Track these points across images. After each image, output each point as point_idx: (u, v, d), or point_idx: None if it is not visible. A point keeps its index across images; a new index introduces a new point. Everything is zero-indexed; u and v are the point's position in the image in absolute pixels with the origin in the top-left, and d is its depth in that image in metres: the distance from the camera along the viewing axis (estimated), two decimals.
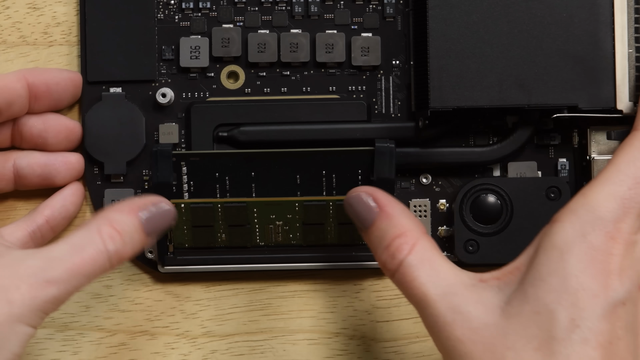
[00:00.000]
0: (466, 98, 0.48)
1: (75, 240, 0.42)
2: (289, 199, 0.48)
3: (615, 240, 0.40)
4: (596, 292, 0.39)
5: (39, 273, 0.40)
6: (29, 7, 0.51)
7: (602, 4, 0.48)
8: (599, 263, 0.39)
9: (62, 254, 0.41)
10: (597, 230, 0.40)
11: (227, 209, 0.48)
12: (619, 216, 0.40)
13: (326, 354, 0.51)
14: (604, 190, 0.41)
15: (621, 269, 0.40)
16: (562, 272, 0.39)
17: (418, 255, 0.42)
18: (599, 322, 0.39)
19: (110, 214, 0.43)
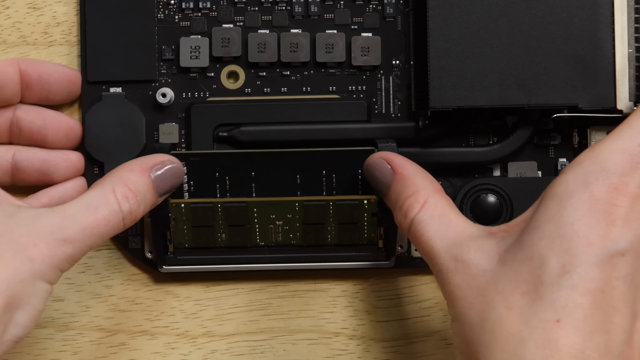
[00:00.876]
0: (466, 98, 0.48)
1: (90, 199, 0.42)
2: (289, 199, 0.48)
3: (619, 191, 0.39)
4: (591, 240, 0.38)
5: (56, 231, 0.40)
6: (29, 7, 0.51)
7: (602, 4, 0.48)
8: (598, 212, 0.39)
9: (77, 213, 0.41)
10: (600, 180, 0.39)
11: (227, 209, 0.48)
12: (625, 170, 0.39)
13: (326, 354, 0.51)
14: (612, 145, 0.40)
15: (625, 220, 0.39)
16: (558, 219, 0.39)
17: (429, 211, 0.43)
18: (591, 270, 0.38)
19: (123, 173, 0.43)
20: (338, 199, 0.48)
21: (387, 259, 0.50)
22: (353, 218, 0.48)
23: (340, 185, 0.48)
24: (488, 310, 0.39)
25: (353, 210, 0.48)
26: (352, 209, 0.48)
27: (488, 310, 0.39)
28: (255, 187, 0.48)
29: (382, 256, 0.50)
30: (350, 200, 0.48)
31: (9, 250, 0.40)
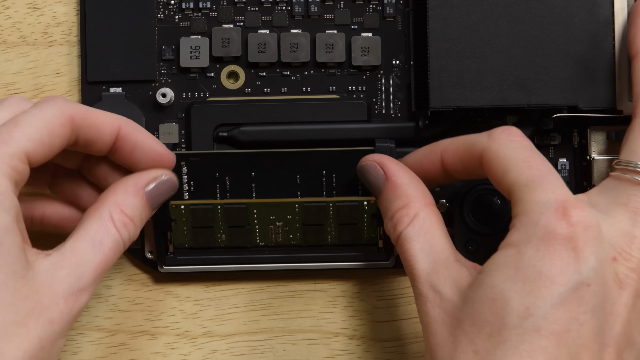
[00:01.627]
0: (466, 98, 0.48)
1: (94, 233, 0.42)
2: (289, 200, 0.48)
3: (571, 222, 0.39)
4: (554, 278, 0.38)
5: (74, 284, 0.41)
6: (29, 7, 0.51)
7: (602, 4, 0.48)
8: (557, 246, 0.39)
9: (87, 254, 0.42)
10: (548, 215, 0.39)
11: (227, 210, 0.48)
12: (569, 200, 0.40)
13: (326, 354, 0.51)
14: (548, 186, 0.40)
15: (582, 249, 0.39)
16: (519, 262, 0.39)
17: (416, 227, 0.43)
18: (555, 311, 0.38)
19: (118, 198, 0.44)
20: (338, 201, 0.48)
21: (387, 259, 0.50)
22: (353, 219, 0.48)
23: (340, 186, 0.48)
24: (457, 353, 0.39)
25: (353, 211, 0.48)
26: (352, 210, 0.48)
27: (457, 353, 0.39)
28: (255, 188, 0.48)
29: (382, 256, 0.50)
30: (350, 201, 0.48)
31: (33, 315, 0.39)
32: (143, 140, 0.45)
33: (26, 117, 0.41)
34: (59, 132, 0.42)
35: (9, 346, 0.39)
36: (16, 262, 0.39)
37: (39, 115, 0.41)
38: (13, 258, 0.39)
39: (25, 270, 0.40)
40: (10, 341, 0.39)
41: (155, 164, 0.45)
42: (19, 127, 0.41)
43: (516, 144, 0.42)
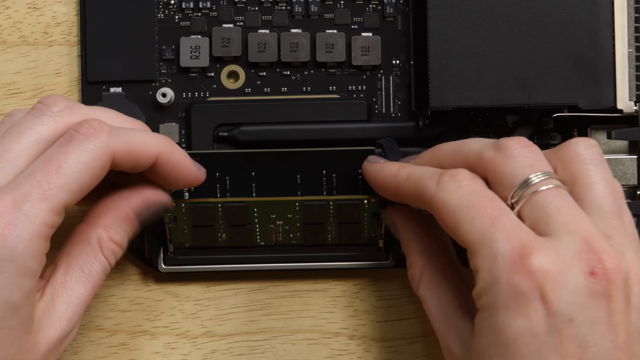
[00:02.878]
0: (466, 98, 0.48)
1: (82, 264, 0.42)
2: (289, 199, 0.48)
3: (529, 272, 0.37)
4: (534, 331, 0.37)
5: (66, 327, 0.41)
6: (29, 7, 0.51)
7: (602, 4, 0.48)
8: (523, 302, 0.37)
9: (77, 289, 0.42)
10: (507, 271, 0.38)
11: (227, 209, 0.48)
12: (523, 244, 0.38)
13: (326, 354, 0.51)
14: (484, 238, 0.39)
15: (550, 292, 0.37)
16: (495, 327, 0.38)
17: (425, 285, 0.44)
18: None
19: (108, 222, 0.43)
20: (338, 199, 0.48)
21: (387, 259, 0.50)
22: (353, 218, 0.48)
23: (341, 185, 0.48)
24: None
25: (353, 209, 0.48)
26: (353, 209, 0.48)
27: None
28: (256, 187, 0.48)
29: (382, 256, 0.50)
30: (350, 200, 0.48)
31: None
32: (178, 166, 0.43)
33: (68, 163, 0.39)
34: (99, 174, 0.40)
35: None
36: (27, 322, 0.40)
37: (82, 159, 0.39)
38: (25, 319, 0.39)
39: (29, 325, 0.40)
40: None
41: (184, 185, 0.45)
42: (60, 178, 0.39)
43: (465, 190, 0.40)
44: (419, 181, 0.42)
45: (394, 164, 0.45)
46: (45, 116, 0.41)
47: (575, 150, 0.41)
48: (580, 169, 0.40)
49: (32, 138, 0.40)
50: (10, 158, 0.40)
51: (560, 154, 0.41)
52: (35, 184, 0.39)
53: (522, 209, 0.39)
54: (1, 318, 0.38)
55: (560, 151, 0.41)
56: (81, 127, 0.40)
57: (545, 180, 0.40)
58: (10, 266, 0.38)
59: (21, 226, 0.38)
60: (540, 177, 0.40)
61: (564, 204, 0.39)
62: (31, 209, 0.38)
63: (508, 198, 0.40)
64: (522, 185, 0.40)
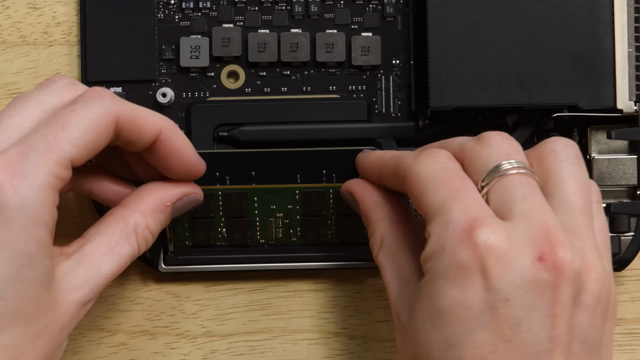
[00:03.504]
0: (466, 98, 0.48)
1: (114, 243, 0.42)
2: (289, 186, 0.48)
3: (474, 245, 0.37)
4: (469, 303, 0.37)
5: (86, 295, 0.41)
6: (29, 7, 0.51)
7: (602, 4, 0.48)
8: (463, 273, 0.37)
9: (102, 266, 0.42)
10: (454, 240, 0.37)
11: (227, 196, 0.48)
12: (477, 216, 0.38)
13: (326, 354, 0.51)
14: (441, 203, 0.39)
15: (491, 268, 0.37)
16: (433, 293, 0.38)
17: (384, 252, 0.44)
18: (474, 335, 0.37)
19: (147, 210, 0.43)
20: (338, 186, 0.48)
21: None
22: None
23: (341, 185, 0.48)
24: None
25: None
26: None
27: None
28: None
29: None
30: None
31: (49, 325, 0.40)
32: (179, 148, 0.44)
33: (74, 120, 0.39)
34: (104, 134, 0.40)
35: (24, 356, 0.39)
36: (45, 275, 0.39)
37: (86, 116, 0.40)
38: (43, 272, 0.39)
39: (50, 281, 0.40)
40: (27, 351, 0.39)
41: (185, 172, 0.44)
42: (66, 131, 0.39)
43: (438, 165, 0.40)
44: (400, 158, 0.42)
45: (383, 151, 0.46)
46: (50, 88, 0.41)
47: (551, 147, 0.41)
48: (554, 165, 0.40)
49: (36, 105, 0.41)
50: (14, 121, 0.40)
51: (537, 151, 0.41)
52: (41, 137, 0.39)
53: (490, 192, 0.39)
54: (18, 269, 0.38)
55: (537, 148, 0.41)
56: (86, 92, 0.41)
57: (516, 167, 0.39)
58: (22, 215, 0.38)
59: (30, 175, 0.38)
60: (512, 164, 0.39)
61: (530, 192, 0.39)
62: (38, 159, 0.38)
63: (479, 182, 0.39)
64: (494, 170, 0.39)
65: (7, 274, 0.38)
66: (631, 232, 0.49)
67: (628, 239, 0.49)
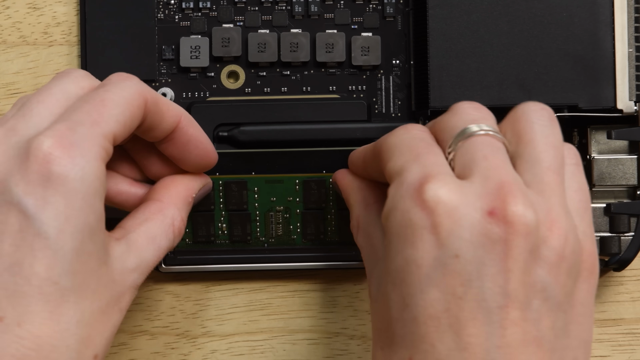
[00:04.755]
0: (466, 98, 0.48)
1: (155, 234, 0.42)
2: (289, 175, 0.48)
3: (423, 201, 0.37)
4: (419, 261, 0.36)
5: (137, 279, 0.41)
6: (29, 7, 0.51)
7: (602, 4, 0.48)
8: (413, 230, 0.37)
9: (147, 255, 0.42)
10: (405, 198, 0.37)
11: (227, 185, 0.48)
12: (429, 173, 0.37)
13: (326, 354, 0.51)
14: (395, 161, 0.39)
15: (440, 224, 0.36)
16: (389, 254, 0.38)
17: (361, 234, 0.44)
18: (425, 294, 0.36)
19: (181, 203, 0.44)
20: None
21: None
22: None
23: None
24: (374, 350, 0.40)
25: None
26: None
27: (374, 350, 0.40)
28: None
29: None
30: None
31: (111, 303, 0.40)
32: (197, 136, 0.44)
33: (111, 97, 0.40)
34: (137, 114, 0.41)
35: (97, 333, 0.39)
36: (102, 250, 0.39)
37: (122, 94, 0.40)
38: (100, 246, 0.39)
39: (105, 256, 0.39)
40: (97, 328, 0.39)
41: (202, 162, 0.45)
42: (106, 108, 0.39)
43: (409, 135, 0.40)
44: (380, 139, 0.42)
45: None
46: (68, 78, 0.42)
47: (523, 110, 0.40)
48: (524, 127, 0.39)
49: (61, 93, 0.41)
50: (44, 106, 0.40)
51: (509, 117, 0.40)
52: (84, 113, 0.39)
53: (455, 156, 0.39)
54: (82, 242, 0.38)
55: (510, 114, 0.40)
56: (113, 76, 0.42)
57: (482, 129, 0.39)
58: (82, 186, 0.37)
59: (84, 147, 0.38)
60: (479, 127, 0.39)
61: (491, 152, 0.38)
62: (87, 131, 0.38)
63: (446, 149, 0.39)
64: (460, 134, 0.39)
65: (74, 247, 0.37)
66: (631, 232, 0.49)
67: (628, 239, 0.49)
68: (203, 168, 0.45)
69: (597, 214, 0.49)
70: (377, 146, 0.41)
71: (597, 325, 0.51)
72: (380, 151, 0.41)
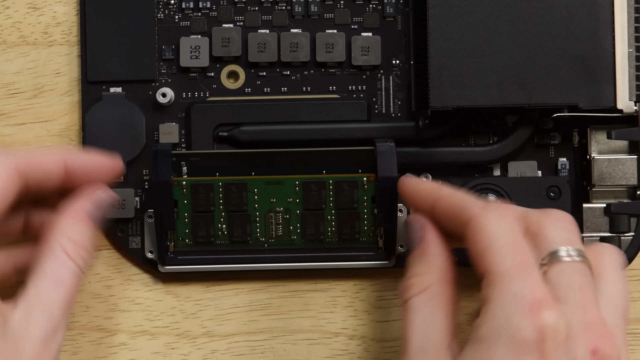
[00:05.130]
0: (466, 98, 0.48)
1: (50, 271, 0.43)
2: (288, 177, 0.48)
3: (540, 324, 0.38)
4: None
5: (47, 328, 0.42)
6: (29, 7, 0.51)
7: (602, 4, 0.48)
8: (523, 349, 0.38)
9: (51, 296, 0.42)
10: (520, 313, 0.38)
11: (227, 187, 0.48)
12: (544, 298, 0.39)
13: (326, 354, 0.51)
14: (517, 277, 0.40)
15: (549, 352, 0.38)
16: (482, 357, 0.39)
17: (424, 300, 0.43)
18: None
19: (65, 228, 0.44)
20: (337, 177, 0.48)
21: (387, 259, 0.50)
22: (352, 200, 0.48)
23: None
24: None
25: (352, 189, 0.48)
26: (352, 188, 0.48)
27: None
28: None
29: (382, 256, 0.50)
30: (349, 177, 0.48)
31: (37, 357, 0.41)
32: (89, 160, 0.46)
33: None
34: (7, 183, 0.42)
35: None
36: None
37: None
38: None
39: (3, 328, 0.41)
40: None
41: (109, 175, 0.46)
42: None
43: (507, 224, 0.41)
44: (463, 200, 0.43)
45: (436, 183, 0.46)
46: None
47: (604, 248, 0.43)
48: (607, 265, 0.42)
49: None
50: None
51: (593, 247, 0.43)
52: None
53: (548, 273, 0.40)
54: None
55: (594, 246, 0.43)
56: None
57: (576, 256, 0.41)
58: None
59: None
60: (574, 252, 0.41)
61: (586, 285, 0.40)
62: None
63: (539, 259, 0.41)
64: (555, 252, 0.41)
65: None
66: (631, 232, 0.49)
67: (628, 239, 0.49)
68: (112, 177, 0.47)
69: (597, 214, 0.49)
70: (467, 217, 0.42)
71: None
72: (474, 230, 0.41)
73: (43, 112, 0.51)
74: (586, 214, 0.49)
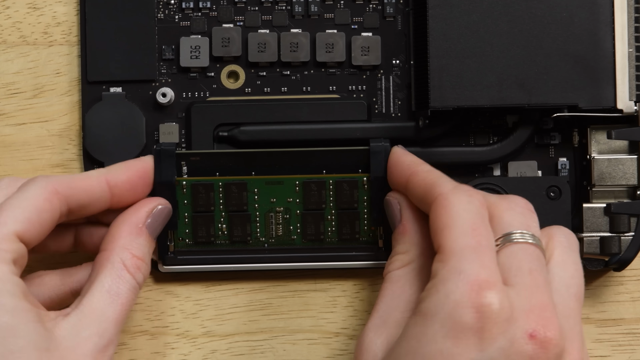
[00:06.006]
0: (466, 98, 0.48)
1: (109, 285, 0.43)
2: (288, 177, 0.48)
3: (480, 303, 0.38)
4: (455, 357, 0.38)
5: (98, 342, 0.42)
6: (29, 7, 0.51)
7: (602, 4, 0.48)
8: (460, 326, 0.38)
9: (106, 310, 0.42)
10: (462, 291, 0.39)
11: (227, 187, 0.48)
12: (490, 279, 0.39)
13: (326, 354, 0.51)
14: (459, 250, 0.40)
15: (488, 330, 0.38)
16: (422, 335, 0.39)
17: (399, 274, 0.44)
18: None
19: (125, 241, 0.44)
20: (337, 177, 0.48)
21: (387, 259, 0.50)
22: (352, 200, 0.48)
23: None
24: None
25: (352, 188, 0.48)
26: (352, 187, 0.48)
27: None
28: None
29: (382, 256, 0.50)
30: (349, 177, 0.48)
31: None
32: (130, 172, 0.46)
33: (10, 202, 0.42)
34: (46, 207, 0.43)
35: None
36: (36, 338, 0.40)
37: (22, 196, 0.42)
38: (32, 336, 0.40)
39: (47, 343, 0.40)
40: None
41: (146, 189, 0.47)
42: (4, 212, 0.42)
43: (473, 207, 0.41)
44: (438, 178, 0.43)
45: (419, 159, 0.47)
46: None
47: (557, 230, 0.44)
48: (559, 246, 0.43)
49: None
50: None
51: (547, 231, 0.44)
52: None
53: (500, 253, 0.41)
54: (1, 343, 0.39)
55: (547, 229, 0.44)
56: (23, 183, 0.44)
57: (530, 238, 0.41)
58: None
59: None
60: (527, 234, 0.42)
61: (536, 268, 0.41)
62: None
63: (495, 239, 0.41)
64: (510, 234, 0.41)
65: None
66: (631, 232, 0.49)
67: (628, 239, 0.49)
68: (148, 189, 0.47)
69: (597, 214, 0.49)
70: (436, 193, 0.42)
71: (597, 325, 0.51)
72: (439, 206, 0.42)
73: (43, 112, 0.51)
74: (586, 214, 0.49)
